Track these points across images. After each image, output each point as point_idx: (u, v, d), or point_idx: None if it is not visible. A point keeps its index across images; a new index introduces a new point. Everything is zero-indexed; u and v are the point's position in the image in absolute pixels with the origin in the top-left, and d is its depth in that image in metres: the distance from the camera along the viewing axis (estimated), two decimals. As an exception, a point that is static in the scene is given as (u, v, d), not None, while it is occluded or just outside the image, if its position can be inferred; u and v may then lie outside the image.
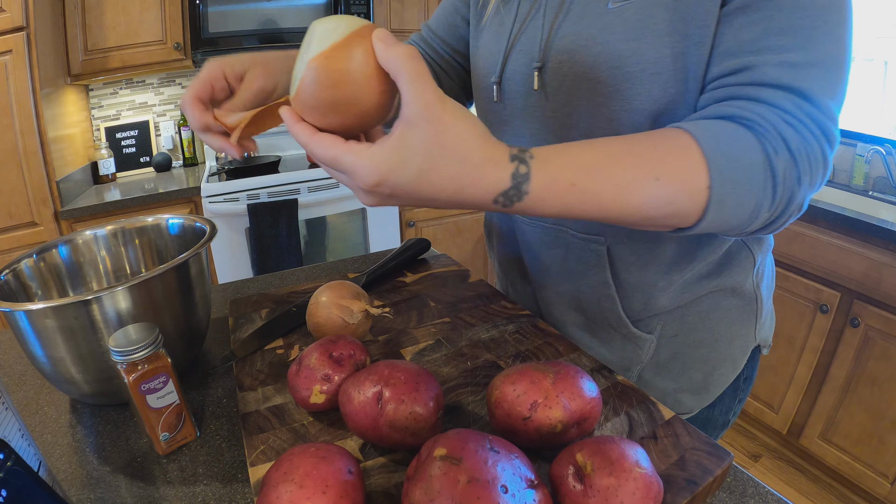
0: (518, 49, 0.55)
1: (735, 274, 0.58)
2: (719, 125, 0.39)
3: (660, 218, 0.38)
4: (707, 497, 0.40)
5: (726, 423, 0.67)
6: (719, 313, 0.59)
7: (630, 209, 0.37)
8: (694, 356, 0.61)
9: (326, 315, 0.55)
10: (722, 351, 0.61)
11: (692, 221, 0.39)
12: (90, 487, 0.44)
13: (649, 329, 0.60)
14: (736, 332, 0.61)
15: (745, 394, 0.66)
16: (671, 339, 0.60)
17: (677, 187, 0.37)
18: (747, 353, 0.63)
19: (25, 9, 1.61)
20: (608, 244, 0.57)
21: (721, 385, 0.63)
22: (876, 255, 1.36)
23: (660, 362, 0.61)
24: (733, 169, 0.37)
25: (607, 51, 0.45)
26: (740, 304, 0.60)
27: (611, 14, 0.45)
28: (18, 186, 1.73)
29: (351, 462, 0.35)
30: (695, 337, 0.60)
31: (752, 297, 0.60)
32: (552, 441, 0.40)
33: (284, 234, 2.01)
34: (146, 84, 2.29)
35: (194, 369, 0.61)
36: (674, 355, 0.61)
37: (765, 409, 1.73)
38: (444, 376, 0.53)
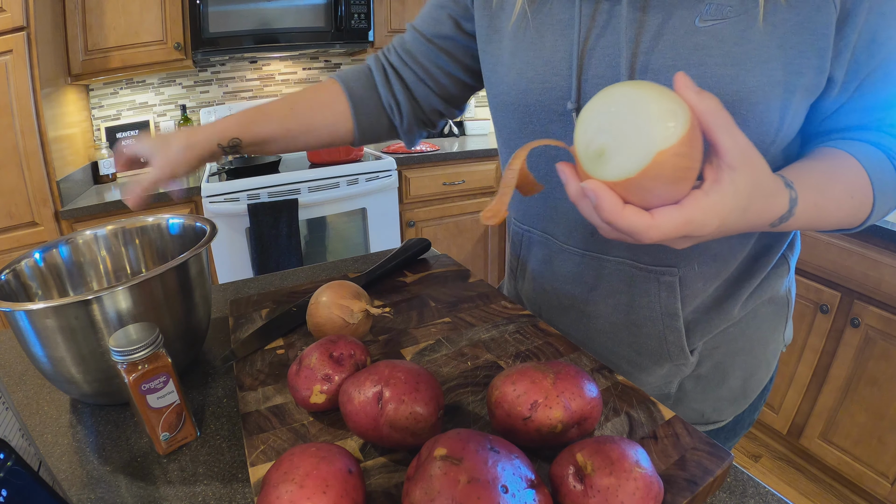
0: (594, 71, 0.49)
1: (774, 282, 0.58)
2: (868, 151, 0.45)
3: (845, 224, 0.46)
4: (707, 497, 0.40)
5: (752, 422, 0.67)
6: (757, 321, 0.60)
7: (835, 221, 0.44)
8: (733, 365, 0.61)
9: (327, 315, 0.55)
10: (758, 356, 0.61)
11: (855, 225, 0.47)
12: (90, 487, 0.44)
13: (694, 347, 0.59)
14: (770, 336, 0.61)
15: (768, 392, 0.67)
16: (712, 352, 0.60)
17: (861, 202, 0.44)
18: (778, 355, 0.64)
19: (26, 9, 1.61)
20: (680, 274, 0.54)
21: (757, 389, 0.64)
22: (876, 255, 1.36)
23: (700, 374, 0.61)
24: (883, 186, 0.44)
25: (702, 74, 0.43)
26: (774, 310, 0.60)
27: (701, 33, 0.42)
28: (19, 186, 1.73)
29: (351, 462, 0.35)
30: (734, 346, 0.60)
31: (784, 303, 0.61)
32: (552, 441, 0.40)
33: (285, 234, 2.01)
34: (146, 84, 2.29)
35: (194, 369, 0.61)
36: (714, 366, 0.60)
37: (765, 409, 1.73)
38: (444, 376, 0.53)
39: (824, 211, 0.42)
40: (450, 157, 2.32)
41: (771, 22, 0.40)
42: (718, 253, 0.53)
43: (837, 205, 0.43)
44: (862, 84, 0.43)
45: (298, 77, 2.56)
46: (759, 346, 0.61)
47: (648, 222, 0.33)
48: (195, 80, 2.38)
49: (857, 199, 0.43)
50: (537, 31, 0.52)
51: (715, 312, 0.57)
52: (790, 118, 0.44)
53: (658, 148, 0.30)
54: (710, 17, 0.42)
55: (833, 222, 0.44)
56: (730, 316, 0.57)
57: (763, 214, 0.37)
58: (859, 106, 0.45)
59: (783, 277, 0.59)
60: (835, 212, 0.43)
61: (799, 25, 0.40)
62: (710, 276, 0.55)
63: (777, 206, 0.38)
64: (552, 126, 0.54)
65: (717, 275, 0.55)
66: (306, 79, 2.57)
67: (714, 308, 0.57)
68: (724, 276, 0.55)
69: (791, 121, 0.45)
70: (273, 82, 2.52)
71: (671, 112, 0.30)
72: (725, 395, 0.62)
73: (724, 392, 0.62)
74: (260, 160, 2.18)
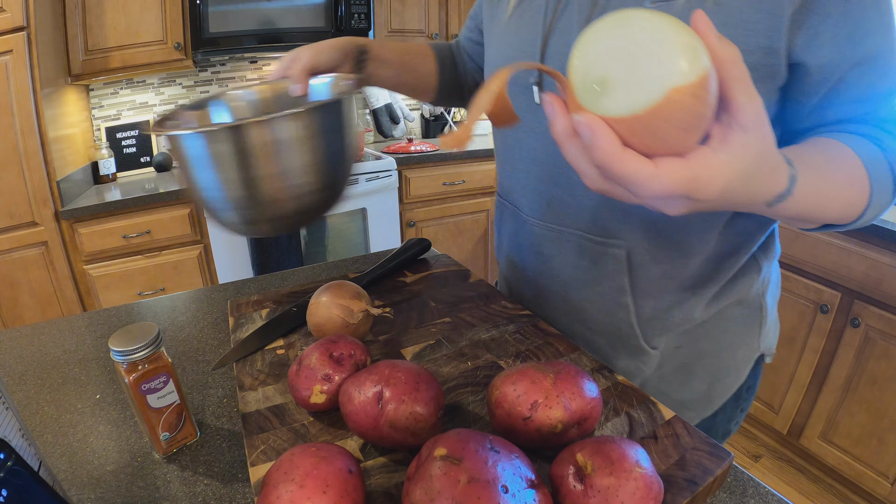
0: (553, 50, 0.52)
1: (742, 285, 0.57)
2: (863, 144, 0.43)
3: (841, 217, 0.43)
4: (707, 497, 0.40)
5: (728, 433, 0.66)
6: (724, 324, 0.59)
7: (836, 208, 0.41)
8: (697, 367, 0.60)
9: (327, 315, 0.55)
10: (726, 361, 0.60)
11: (850, 220, 0.44)
12: (90, 487, 0.44)
13: (655, 344, 0.59)
14: (740, 341, 0.60)
15: (747, 403, 0.65)
16: (675, 351, 0.60)
17: (860, 194, 0.42)
18: (751, 363, 0.62)
19: (26, 9, 1.61)
20: (627, 249, 0.55)
21: (724, 395, 0.62)
22: (876, 255, 1.36)
23: (663, 374, 0.61)
24: (879, 179, 0.43)
25: None
26: (745, 314, 0.59)
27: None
28: (19, 186, 1.73)
29: (351, 462, 0.35)
30: (699, 348, 0.59)
31: (756, 307, 0.60)
32: (552, 441, 0.40)
33: (285, 235, 2.01)
34: (147, 84, 2.29)
35: (195, 369, 0.61)
36: (678, 367, 0.60)
37: (765, 410, 1.73)
38: (444, 376, 0.53)
39: (824, 197, 0.40)
40: (450, 157, 2.32)
41: (717, 2, 0.41)
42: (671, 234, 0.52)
43: (837, 192, 0.41)
44: (848, 75, 0.43)
45: (298, 77, 2.55)
46: (726, 350, 0.60)
47: (652, 171, 0.28)
48: (195, 80, 2.37)
49: (855, 188, 0.42)
50: (520, 18, 0.56)
51: (676, 310, 0.57)
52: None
53: (675, 83, 0.26)
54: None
55: (831, 211, 0.42)
56: (691, 316, 0.57)
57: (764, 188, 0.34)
58: (847, 98, 0.45)
59: (753, 281, 0.58)
60: (834, 199, 0.41)
61: (746, 4, 0.41)
62: (664, 261, 0.54)
63: (778, 181, 0.35)
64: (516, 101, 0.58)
65: (672, 263, 0.54)
66: (306, 79, 2.57)
67: (675, 306, 0.56)
68: (683, 270, 0.54)
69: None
70: (273, 82, 2.51)
71: (692, 48, 0.26)
72: (688, 397, 0.61)
73: (687, 394, 0.61)
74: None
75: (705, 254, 0.54)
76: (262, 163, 0.47)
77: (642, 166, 0.28)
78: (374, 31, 2.30)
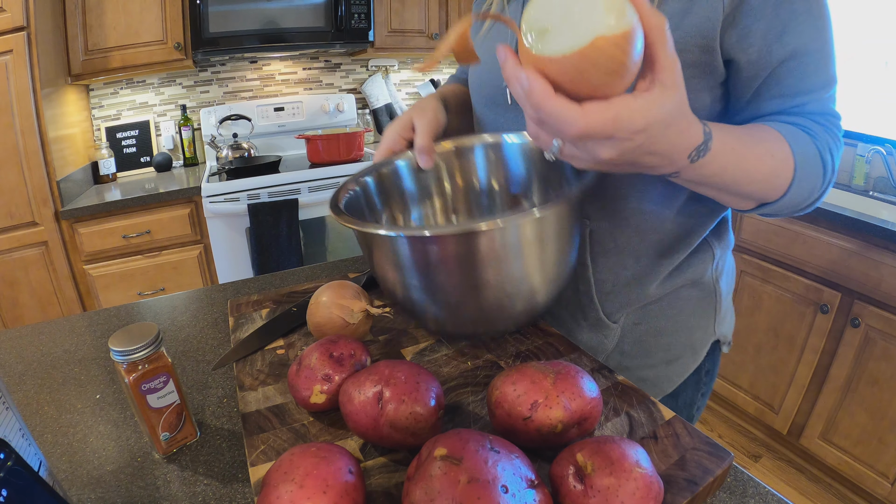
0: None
1: (696, 266, 0.61)
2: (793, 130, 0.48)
3: (768, 189, 0.47)
4: (707, 497, 0.40)
5: (691, 418, 0.70)
6: (680, 303, 0.63)
7: (760, 175, 0.46)
8: (656, 345, 0.64)
9: (327, 315, 0.55)
10: (682, 340, 0.64)
11: (777, 196, 0.48)
12: (90, 487, 0.44)
13: (615, 319, 0.63)
14: (696, 323, 0.64)
15: (707, 388, 0.69)
16: (633, 328, 0.63)
17: (782, 165, 0.46)
18: (707, 346, 0.66)
19: (26, 8, 1.61)
20: (590, 227, 0.59)
21: (682, 374, 0.66)
22: (876, 255, 1.36)
23: (623, 350, 0.65)
24: (804, 157, 0.47)
25: None
26: (700, 296, 0.63)
27: None
28: (19, 186, 1.73)
29: (351, 462, 0.35)
30: (656, 325, 0.63)
31: (710, 290, 0.64)
32: (552, 441, 0.40)
33: (285, 234, 2.01)
34: (147, 84, 2.29)
35: (194, 369, 0.61)
36: (636, 343, 0.64)
37: (765, 410, 1.73)
38: (444, 376, 0.53)
39: (743, 160, 0.44)
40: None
41: (661, 8, 0.47)
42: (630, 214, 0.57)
43: (757, 158, 0.45)
44: (777, 70, 0.48)
45: (298, 77, 2.56)
46: (683, 330, 0.64)
47: (577, 110, 0.34)
48: (195, 80, 2.38)
49: (776, 159, 0.46)
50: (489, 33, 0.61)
51: (634, 285, 0.61)
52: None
53: (599, 33, 0.31)
54: None
55: (755, 178, 0.46)
56: (647, 291, 0.61)
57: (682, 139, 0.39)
58: (777, 92, 0.49)
59: (707, 264, 0.62)
60: (755, 164, 0.45)
61: (684, 10, 0.46)
62: (622, 239, 0.59)
63: (695, 134, 0.40)
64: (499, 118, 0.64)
65: (630, 240, 0.59)
66: (306, 78, 2.57)
67: (633, 282, 0.61)
68: (640, 247, 0.59)
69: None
70: (273, 82, 2.52)
71: (620, 9, 0.32)
72: (649, 374, 0.65)
73: (648, 372, 0.65)
74: (260, 160, 2.18)
75: (661, 233, 0.58)
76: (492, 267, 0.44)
77: (569, 106, 0.34)
78: (374, 30, 2.30)
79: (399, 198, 0.65)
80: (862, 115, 1.86)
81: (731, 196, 0.48)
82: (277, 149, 2.50)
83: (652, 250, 0.59)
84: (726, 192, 0.47)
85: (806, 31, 0.46)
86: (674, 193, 0.56)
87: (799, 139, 0.47)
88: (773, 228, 1.62)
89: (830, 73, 0.48)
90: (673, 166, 0.41)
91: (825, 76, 0.48)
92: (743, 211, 0.51)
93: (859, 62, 1.86)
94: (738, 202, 0.49)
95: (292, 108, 2.47)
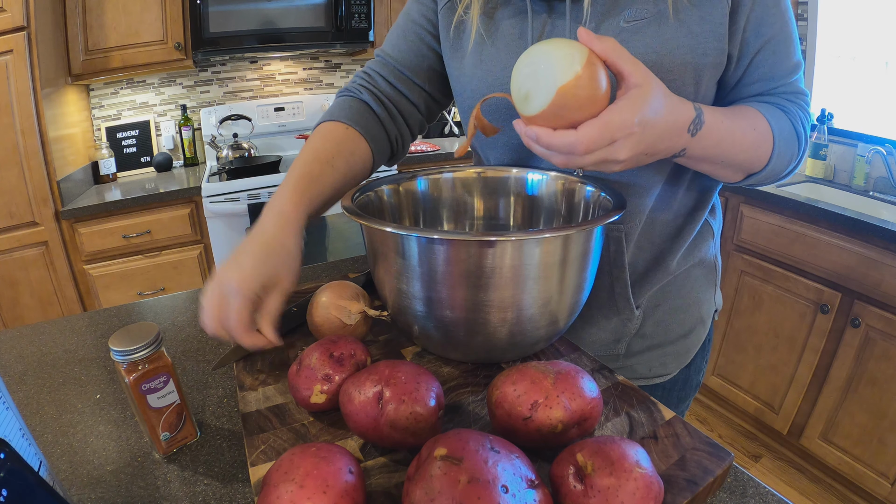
0: None
1: (701, 245, 0.67)
2: (768, 107, 0.55)
3: (754, 158, 0.53)
4: (707, 497, 0.40)
5: (698, 384, 0.76)
6: (690, 282, 0.68)
7: (747, 147, 0.52)
8: (673, 322, 0.68)
9: (325, 315, 0.55)
10: (694, 315, 0.70)
11: (762, 165, 0.54)
12: (90, 487, 0.44)
13: (639, 303, 0.66)
14: (703, 297, 0.70)
15: (708, 353, 0.75)
16: (654, 310, 0.67)
17: (764, 137, 0.53)
18: (711, 316, 0.73)
19: (26, 8, 1.61)
20: (625, 230, 0.61)
21: (696, 345, 0.71)
22: (877, 255, 1.36)
23: (645, 333, 0.68)
24: (780, 129, 0.54)
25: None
26: (705, 273, 0.69)
27: (625, 31, 0.53)
28: (19, 186, 1.73)
29: (351, 462, 0.35)
30: (673, 304, 0.68)
31: (712, 267, 0.70)
32: (553, 441, 0.40)
33: (285, 234, 2.01)
34: (147, 84, 2.29)
35: (194, 369, 0.61)
36: (656, 323, 0.68)
37: (765, 410, 1.73)
38: (444, 376, 0.53)
39: (732, 133, 0.50)
40: (450, 156, 2.32)
41: (679, 18, 0.51)
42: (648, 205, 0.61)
43: (742, 131, 0.51)
44: (755, 59, 0.54)
45: (299, 77, 2.56)
46: (694, 305, 0.69)
47: (574, 134, 0.41)
48: (195, 80, 2.38)
49: (759, 131, 0.52)
50: (494, 46, 0.60)
51: (655, 267, 0.65)
52: (702, 94, 0.55)
53: (559, 84, 0.40)
54: (632, 18, 0.53)
55: (744, 149, 0.52)
56: (668, 270, 0.65)
57: (675, 115, 0.45)
58: (756, 77, 0.56)
59: (709, 241, 0.68)
60: (741, 137, 0.51)
61: (701, 18, 0.51)
62: (647, 233, 0.63)
63: (688, 109, 0.46)
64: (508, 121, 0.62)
65: (649, 226, 0.63)
66: (307, 78, 2.57)
67: (654, 264, 0.65)
68: (660, 233, 0.63)
69: (703, 97, 0.55)
70: (273, 82, 2.52)
71: (569, 56, 0.40)
72: (669, 350, 0.70)
73: (669, 348, 0.70)
74: (261, 160, 2.18)
75: (672, 212, 0.63)
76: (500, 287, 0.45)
77: (567, 133, 0.41)
78: (375, 30, 2.31)
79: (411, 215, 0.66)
80: (862, 115, 1.86)
81: (725, 169, 0.54)
82: (278, 149, 2.50)
83: (666, 231, 0.64)
84: (721, 165, 0.53)
85: (776, 22, 0.53)
86: (678, 174, 0.61)
87: (775, 114, 0.54)
88: (774, 229, 1.62)
89: (797, 57, 0.56)
90: (681, 141, 0.47)
91: (793, 60, 0.55)
92: (734, 183, 0.58)
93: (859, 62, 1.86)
94: (731, 174, 0.56)
95: (292, 108, 2.47)
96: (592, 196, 0.58)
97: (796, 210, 1.55)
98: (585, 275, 0.49)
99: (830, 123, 1.90)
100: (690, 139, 0.47)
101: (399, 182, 0.64)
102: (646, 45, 0.52)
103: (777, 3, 0.52)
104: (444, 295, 0.46)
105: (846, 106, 1.91)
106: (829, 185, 1.86)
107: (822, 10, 1.88)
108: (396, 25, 0.70)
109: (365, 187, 0.59)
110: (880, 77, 1.82)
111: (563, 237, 0.44)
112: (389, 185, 0.63)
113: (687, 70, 0.52)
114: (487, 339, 0.49)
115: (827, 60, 1.94)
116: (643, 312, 0.67)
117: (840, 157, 1.87)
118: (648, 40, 0.52)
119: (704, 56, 0.52)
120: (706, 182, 0.63)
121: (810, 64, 1.96)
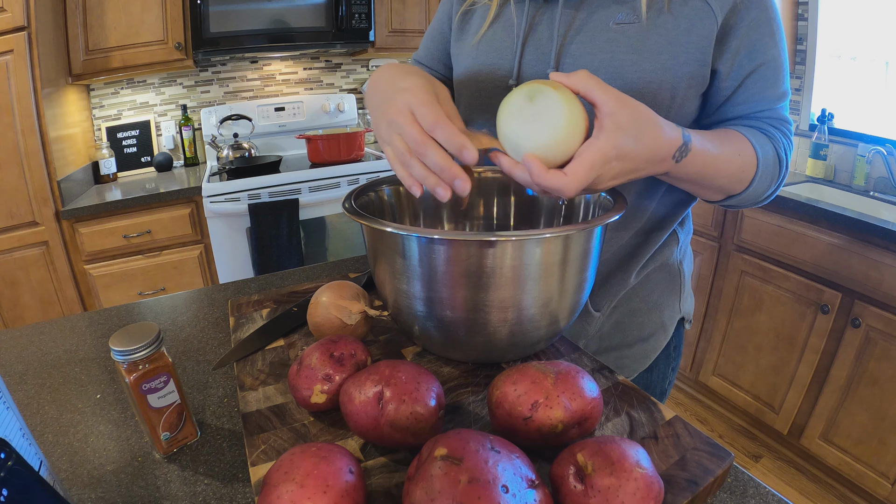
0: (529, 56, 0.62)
1: (664, 250, 0.69)
2: (752, 131, 0.57)
3: (735, 182, 0.55)
4: (708, 497, 0.40)
5: (664, 392, 0.77)
6: (650, 286, 0.70)
7: (731, 172, 0.54)
8: (632, 324, 0.70)
9: (325, 315, 0.55)
10: (654, 319, 0.71)
11: (742, 189, 0.56)
12: (90, 487, 0.44)
13: (598, 307, 0.69)
14: (665, 302, 0.71)
15: (676, 363, 0.77)
16: (612, 311, 0.70)
17: (748, 162, 0.54)
18: (674, 323, 0.73)
19: (26, 8, 1.61)
20: None
21: (656, 350, 0.73)
22: (877, 255, 1.36)
23: (603, 333, 0.71)
24: (765, 156, 0.56)
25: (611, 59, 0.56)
26: (667, 278, 0.71)
27: (613, 31, 0.56)
28: (19, 186, 1.73)
29: (352, 462, 0.35)
30: (632, 307, 0.70)
31: (676, 272, 0.71)
32: (553, 441, 0.40)
33: (285, 234, 2.01)
34: (147, 84, 2.29)
35: (195, 369, 0.61)
36: (615, 324, 0.70)
37: (765, 410, 1.73)
38: (444, 376, 0.53)
39: (718, 159, 0.52)
40: (450, 157, 2.32)
41: (661, 26, 0.54)
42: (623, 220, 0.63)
43: (728, 156, 0.53)
44: (746, 81, 0.56)
45: (299, 77, 2.56)
46: (654, 309, 0.71)
47: (563, 178, 0.42)
48: (196, 80, 2.38)
49: (743, 157, 0.54)
50: (492, 30, 0.65)
51: (619, 276, 0.67)
52: (679, 101, 0.56)
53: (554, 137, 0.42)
54: (621, 21, 0.55)
55: (727, 172, 0.53)
56: (627, 282, 0.68)
57: (660, 142, 0.45)
58: (744, 98, 0.57)
59: (673, 249, 0.70)
60: (726, 162, 0.53)
61: (685, 30, 0.53)
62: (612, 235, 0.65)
63: (673, 136, 0.46)
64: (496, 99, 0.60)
65: (617, 234, 0.64)
66: (307, 78, 2.57)
67: (618, 272, 0.67)
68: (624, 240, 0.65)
69: (680, 104, 0.57)
70: (274, 82, 2.52)
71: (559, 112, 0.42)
72: (627, 353, 0.72)
73: (626, 351, 0.71)
74: (261, 160, 2.18)
75: (642, 222, 0.64)
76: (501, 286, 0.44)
77: (558, 176, 0.42)
78: (375, 30, 2.31)
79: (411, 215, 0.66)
80: (862, 115, 1.86)
81: (705, 189, 0.56)
82: (278, 149, 2.50)
83: (633, 241, 0.66)
84: (702, 186, 0.55)
85: (769, 50, 0.55)
86: (653, 187, 0.63)
87: (760, 140, 0.56)
88: (774, 229, 1.62)
89: (785, 86, 0.58)
90: (664, 165, 0.48)
91: (781, 89, 0.57)
92: (711, 202, 0.59)
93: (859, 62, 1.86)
94: (711, 194, 0.57)
95: (293, 108, 2.47)
96: (592, 196, 0.58)
97: (797, 210, 1.55)
98: (586, 275, 0.49)
99: (831, 123, 1.90)
100: (674, 164, 0.48)
101: (399, 182, 0.64)
102: (628, 47, 0.55)
103: (772, 34, 0.55)
104: (444, 295, 0.46)
105: (846, 106, 1.91)
106: (829, 185, 1.85)
107: (822, 10, 1.88)
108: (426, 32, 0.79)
109: (365, 187, 0.59)
110: (880, 77, 1.82)
111: (563, 237, 0.44)
112: (389, 185, 0.63)
113: (665, 76, 0.54)
114: (488, 339, 0.49)
115: (827, 60, 1.93)
116: (602, 314, 0.69)
117: (840, 158, 1.87)
118: (632, 42, 0.55)
119: (685, 65, 0.54)
120: (681, 196, 0.65)
121: (810, 64, 1.96)
